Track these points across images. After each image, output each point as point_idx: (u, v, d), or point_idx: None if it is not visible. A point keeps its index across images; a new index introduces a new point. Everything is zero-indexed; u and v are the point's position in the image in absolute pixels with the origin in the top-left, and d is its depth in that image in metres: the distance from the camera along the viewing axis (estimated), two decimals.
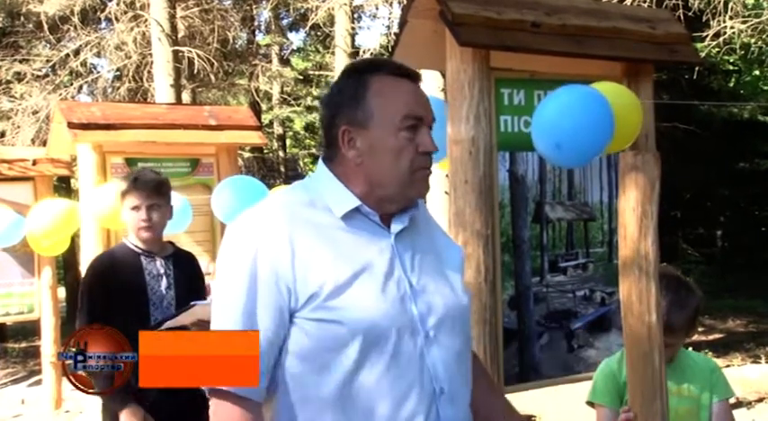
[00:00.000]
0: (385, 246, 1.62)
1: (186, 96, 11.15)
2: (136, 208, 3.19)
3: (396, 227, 1.65)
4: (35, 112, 11.25)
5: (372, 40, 28.02)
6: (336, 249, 1.57)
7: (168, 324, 3.04)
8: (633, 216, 2.36)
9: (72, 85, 12.03)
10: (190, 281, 3.32)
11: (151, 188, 3.18)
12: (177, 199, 4.74)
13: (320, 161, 1.71)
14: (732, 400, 2.63)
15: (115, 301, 3.12)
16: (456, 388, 1.63)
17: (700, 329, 11.02)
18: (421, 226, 1.73)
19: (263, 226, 1.57)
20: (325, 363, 1.53)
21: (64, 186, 14.17)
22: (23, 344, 12.17)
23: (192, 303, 3.01)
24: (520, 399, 6.07)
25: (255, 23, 16.80)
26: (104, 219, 4.90)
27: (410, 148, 1.62)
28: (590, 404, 2.62)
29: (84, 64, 11.62)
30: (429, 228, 1.77)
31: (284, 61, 18.49)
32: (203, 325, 3.10)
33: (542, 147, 2.67)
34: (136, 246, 3.26)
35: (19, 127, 11.28)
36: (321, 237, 1.57)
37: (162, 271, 3.26)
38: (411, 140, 1.62)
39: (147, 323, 3.12)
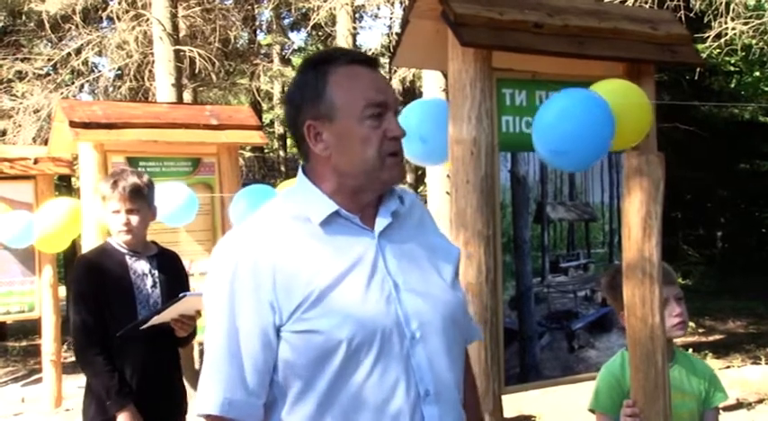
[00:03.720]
0: (368, 248, 1.60)
1: (187, 96, 11.15)
2: (116, 211, 3.21)
3: (380, 224, 1.63)
4: (36, 111, 11.26)
5: (374, 40, 28.04)
6: (317, 259, 1.56)
7: (154, 320, 3.06)
8: (637, 217, 2.36)
9: (73, 83, 12.03)
10: (174, 280, 3.34)
11: (129, 193, 3.19)
12: (184, 191, 4.75)
13: (299, 169, 1.70)
14: (732, 402, 2.65)
15: (103, 300, 3.16)
16: (444, 389, 1.60)
17: (700, 330, 11.02)
18: (412, 222, 1.71)
19: (239, 248, 1.57)
20: (312, 372, 1.53)
21: (65, 185, 14.18)
22: (24, 343, 12.16)
23: (182, 294, 3.02)
24: (520, 400, 6.07)
25: (257, 23, 16.82)
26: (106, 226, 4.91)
27: (377, 135, 1.60)
28: (592, 411, 2.62)
29: (85, 63, 11.62)
30: (423, 225, 1.75)
31: (285, 61, 18.50)
32: (183, 320, 3.13)
33: (543, 152, 2.68)
34: (120, 246, 3.27)
35: (20, 126, 11.28)
36: (300, 248, 1.56)
37: (147, 270, 3.28)
38: (377, 128, 1.60)
39: (135, 321, 3.14)
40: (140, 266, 3.26)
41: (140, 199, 3.22)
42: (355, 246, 1.60)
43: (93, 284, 3.18)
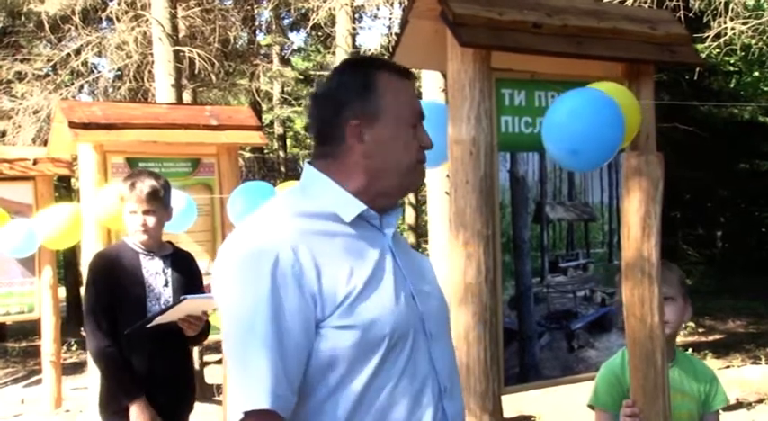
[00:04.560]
0: (385, 249, 1.66)
1: (187, 96, 11.13)
2: (133, 212, 3.31)
3: (389, 229, 1.69)
4: (36, 112, 11.25)
5: (373, 40, 28.06)
6: (351, 255, 1.58)
7: (158, 319, 3.10)
8: (636, 217, 2.36)
9: (73, 84, 12.03)
10: (187, 279, 3.44)
11: (147, 195, 3.29)
12: (182, 197, 4.76)
13: (307, 165, 1.70)
14: (731, 401, 2.65)
15: (116, 296, 3.27)
16: (454, 384, 1.68)
17: (700, 330, 11.02)
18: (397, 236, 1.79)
19: (274, 238, 1.53)
20: (351, 367, 1.53)
21: (64, 186, 14.18)
22: (23, 344, 12.18)
23: (182, 297, 3.10)
24: (520, 400, 6.09)
25: (256, 23, 16.78)
26: (107, 220, 4.91)
27: (415, 144, 1.69)
28: (591, 407, 2.62)
29: (84, 63, 11.61)
30: (402, 240, 1.83)
31: (285, 61, 18.47)
32: (190, 320, 3.18)
33: (556, 152, 2.68)
34: (136, 245, 3.38)
35: (20, 126, 11.28)
36: (335, 244, 1.58)
37: (160, 269, 3.38)
38: (415, 136, 1.69)
39: (144, 318, 3.22)
40: (154, 265, 3.37)
41: (157, 200, 3.32)
42: (376, 246, 1.64)
43: (107, 280, 3.29)
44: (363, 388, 1.53)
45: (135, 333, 3.16)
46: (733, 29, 8.28)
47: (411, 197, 16.39)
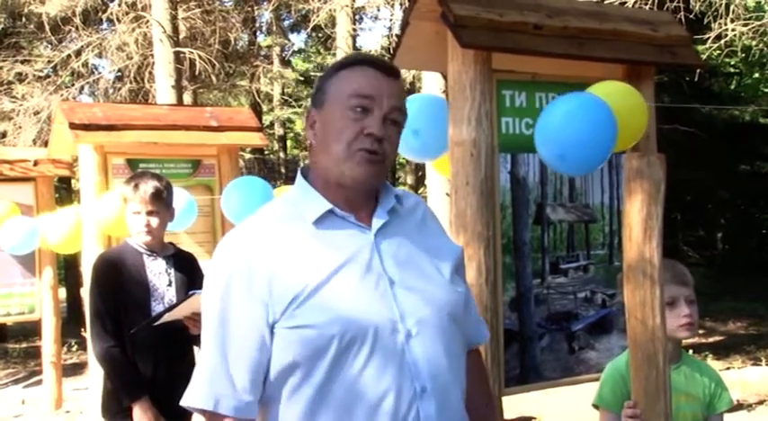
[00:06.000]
0: (363, 245, 1.63)
1: (187, 97, 11.14)
2: (136, 213, 3.35)
3: (377, 222, 1.66)
4: (36, 113, 11.27)
5: (374, 41, 28.05)
6: (310, 256, 1.58)
7: (165, 317, 3.11)
8: (638, 218, 2.35)
9: (73, 85, 12.03)
10: (190, 279, 3.46)
11: (150, 196, 3.32)
12: (183, 196, 4.76)
13: (299, 172, 1.74)
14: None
15: (120, 297, 3.29)
16: (442, 386, 1.60)
17: (700, 332, 11.01)
18: (413, 222, 1.74)
19: (235, 251, 1.61)
20: (307, 367, 1.55)
21: (65, 187, 14.18)
22: (24, 345, 12.18)
23: (191, 292, 3.11)
24: (520, 401, 6.10)
25: (257, 25, 16.80)
26: (108, 227, 4.90)
27: (353, 128, 1.62)
28: (595, 406, 2.61)
29: (85, 65, 11.63)
30: (425, 225, 1.76)
31: (285, 62, 18.48)
32: (196, 317, 3.18)
33: (547, 156, 2.68)
34: (139, 246, 3.41)
35: (20, 127, 11.29)
36: (295, 247, 1.59)
37: (163, 269, 3.41)
38: (357, 121, 1.62)
39: (149, 318, 3.23)
40: (157, 266, 3.40)
41: (160, 201, 3.36)
42: (350, 243, 1.62)
43: (111, 281, 3.31)
44: (320, 386, 1.55)
45: (140, 332, 3.17)
46: (734, 30, 8.28)
47: None
